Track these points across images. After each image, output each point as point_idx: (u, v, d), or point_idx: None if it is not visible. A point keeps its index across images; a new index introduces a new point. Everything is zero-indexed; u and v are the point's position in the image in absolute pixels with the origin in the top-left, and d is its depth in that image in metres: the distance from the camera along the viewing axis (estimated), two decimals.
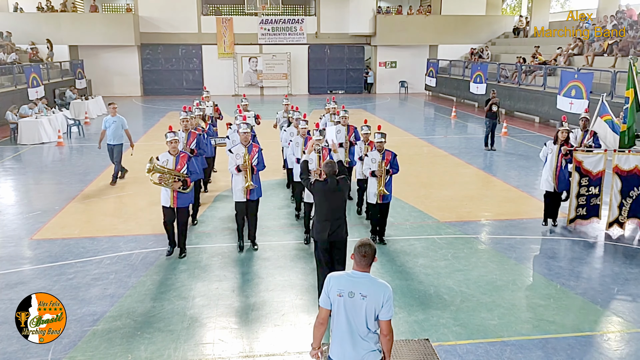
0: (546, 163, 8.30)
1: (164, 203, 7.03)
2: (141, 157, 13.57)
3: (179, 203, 6.99)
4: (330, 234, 5.52)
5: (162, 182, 6.82)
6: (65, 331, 4.77)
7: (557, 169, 8.15)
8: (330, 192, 5.50)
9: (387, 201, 7.60)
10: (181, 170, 6.93)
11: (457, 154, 14.00)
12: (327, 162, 5.59)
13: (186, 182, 6.94)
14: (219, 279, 6.60)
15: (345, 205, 5.70)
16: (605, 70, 16.31)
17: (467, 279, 6.58)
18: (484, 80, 21.46)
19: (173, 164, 6.94)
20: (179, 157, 6.99)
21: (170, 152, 7.00)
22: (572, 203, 8.21)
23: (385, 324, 3.40)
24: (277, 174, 11.52)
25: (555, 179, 8.16)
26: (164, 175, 6.81)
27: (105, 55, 28.33)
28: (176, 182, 6.86)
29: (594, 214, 8.29)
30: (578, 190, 8.15)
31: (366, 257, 3.43)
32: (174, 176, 6.87)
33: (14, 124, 15.79)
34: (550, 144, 8.24)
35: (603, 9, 22.32)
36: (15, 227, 8.50)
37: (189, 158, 7.09)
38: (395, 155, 7.56)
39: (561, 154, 8.09)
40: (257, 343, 5.20)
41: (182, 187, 6.91)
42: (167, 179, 6.82)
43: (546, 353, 5.00)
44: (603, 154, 8.12)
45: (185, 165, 6.97)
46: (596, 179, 8.11)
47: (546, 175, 8.27)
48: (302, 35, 29.95)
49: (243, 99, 12.20)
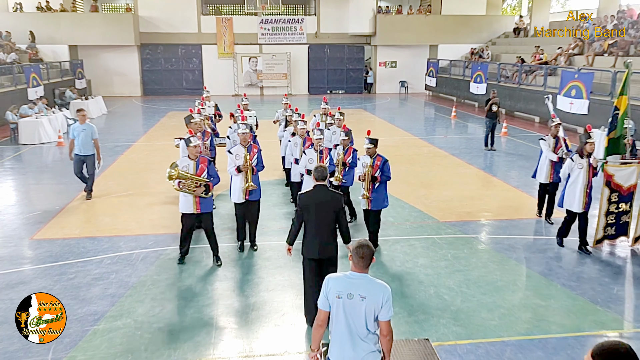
0: (570, 179, 7.30)
1: (185, 210, 6.80)
2: (141, 157, 13.61)
3: (202, 208, 6.78)
4: (320, 250, 5.21)
5: (183, 187, 6.63)
6: (66, 331, 4.77)
7: (588, 187, 7.20)
8: (320, 203, 5.13)
9: (377, 208, 7.20)
10: (201, 174, 6.73)
11: (457, 154, 14.00)
12: (317, 166, 5.23)
13: (208, 187, 6.74)
14: (219, 279, 6.60)
15: (335, 220, 5.21)
16: (606, 70, 16.30)
17: (467, 279, 6.58)
18: (484, 80, 21.48)
19: (194, 169, 6.71)
20: (198, 162, 6.77)
21: (190, 156, 6.80)
22: (600, 222, 7.40)
23: (384, 324, 3.40)
24: (277, 174, 11.52)
25: (585, 197, 7.19)
26: (186, 181, 6.61)
27: (105, 55, 28.33)
28: (198, 187, 6.66)
29: (622, 233, 7.55)
30: (607, 207, 7.34)
31: (364, 258, 3.42)
32: (196, 181, 6.67)
33: (14, 124, 15.80)
34: (578, 158, 7.25)
35: (603, 9, 22.33)
36: (16, 227, 8.50)
37: (209, 162, 6.88)
38: (386, 161, 7.13)
39: (591, 168, 7.17)
40: (257, 343, 5.21)
41: (204, 192, 6.72)
42: (189, 185, 6.63)
43: (546, 353, 5.00)
44: (636, 166, 7.35)
45: (205, 169, 6.75)
46: (627, 194, 7.33)
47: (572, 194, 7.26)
48: (302, 35, 29.95)
49: (244, 98, 12.21)
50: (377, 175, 7.04)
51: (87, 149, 9.84)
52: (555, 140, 8.44)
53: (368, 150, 7.08)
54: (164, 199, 9.97)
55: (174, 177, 6.53)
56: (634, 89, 14.97)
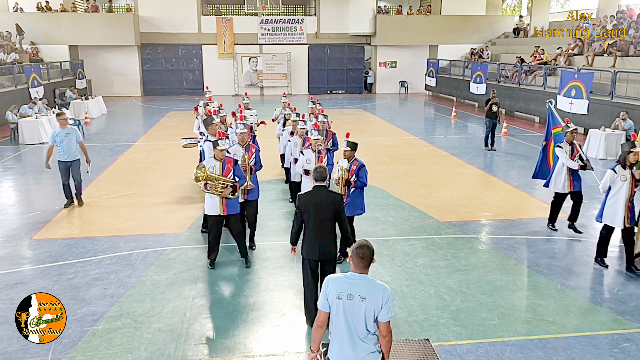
0: (611, 192, 6.75)
1: (210, 212, 6.70)
2: (141, 157, 13.60)
3: (229, 210, 6.68)
4: (319, 251, 5.18)
5: (210, 189, 6.50)
6: (65, 331, 4.77)
7: (630, 199, 6.68)
8: (319, 204, 5.12)
9: (351, 214, 6.77)
10: (227, 175, 6.62)
11: (457, 154, 14.00)
12: (317, 167, 5.25)
13: (236, 188, 6.64)
14: (218, 279, 6.60)
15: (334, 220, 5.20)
16: (605, 70, 16.30)
17: (467, 279, 6.58)
18: (484, 80, 21.49)
19: (220, 170, 6.60)
20: (224, 163, 6.65)
21: (216, 157, 6.67)
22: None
23: (384, 325, 3.39)
24: (276, 173, 11.52)
25: (627, 211, 6.66)
26: (213, 182, 6.49)
27: (105, 55, 28.34)
28: (225, 188, 6.56)
29: None
30: None
31: (364, 259, 3.41)
32: (223, 182, 6.56)
33: (14, 124, 15.80)
34: (620, 169, 6.65)
35: (603, 9, 22.34)
36: (15, 227, 8.50)
37: (234, 162, 6.78)
38: (362, 166, 6.73)
39: (634, 180, 6.64)
40: (257, 343, 5.21)
41: (232, 193, 6.61)
42: (216, 186, 6.52)
43: (546, 353, 5.00)
44: None
45: (231, 170, 6.66)
46: None
47: (613, 208, 6.71)
48: (302, 35, 29.96)
49: (245, 97, 12.23)
50: (352, 180, 6.70)
51: (73, 154, 9.31)
52: (572, 147, 8.02)
53: (345, 153, 6.75)
54: (164, 199, 9.97)
55: (201, 179, 6.39)
56: (633, 88, 15.01)
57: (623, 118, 13.65)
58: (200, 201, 9.71)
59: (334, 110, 22.95)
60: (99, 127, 19.11)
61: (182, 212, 9.18)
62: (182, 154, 13.72)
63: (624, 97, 14.96)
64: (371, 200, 9.83)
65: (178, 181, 11.15)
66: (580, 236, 8.07)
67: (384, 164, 12.73)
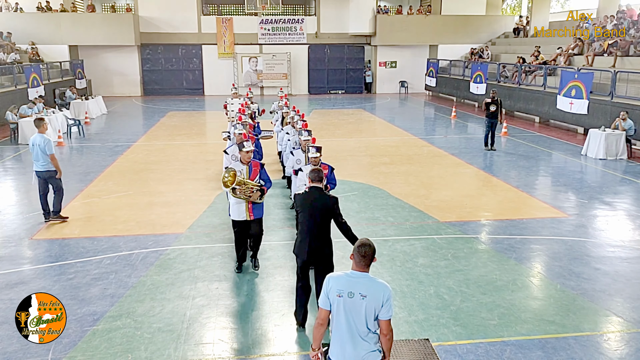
0: None
1: (236, 217, 6.52)
2: (141, 157, 13.59)
3: (255, 214, 6.51)
4: (310, 251, 5.12)
5: (240, 193, 6.29)
6: (65, 331, 4.77)
7: None
8: (312, 204, 5.12)
9: None
10: (254, 179, 6.47)
11: (457, 154, 14.00)
12: (313, 168, 5.25)
13: (263, 192, 6.45)
14: (219, 279, 6.60)
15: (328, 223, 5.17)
16: (605, 70, 16.30)
17: (467, 279, 6.58)
18: (484, 80, 21.51)
19: (247, 174, 6.44)
20: (251, 166, 6.50)
21: (242, 161, 6.51)
22: None
23: (385, 323, 3.40)
24: (277, 174, 11.52)
25: None
26: (242, 187, 6.29)
27: (105, 55, 28.34)
28: (254, 192, 6.36)
29: None
30: None
31: (365, 257, 3.42)
32: (251, 186, 6.37)
33: (14, 124, 15.80)
34: None
35: (603, 9, 22.33)
36: (15, 227, 8.50)
37: (261, 166, 6.63)
38: (332, 170, 6.94)
39: None
40: (257, 343, 5.21)
41: (260, 197, 6.43)
42: (245, 190, 6.31)
43: (546, 353, 5.00)
44: None
45: (258, 174, 6.51)
46: None
47: None
48: (302, 35, 29.96)
49: (249, 91, 12.51)
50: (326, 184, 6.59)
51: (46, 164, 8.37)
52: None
53: (314, 160, 6.63)
54: (164, 199, 9.97)
55: (231, 184, 6.15)
56: (633, 88, 15.01)
57: (623, 118, 13.65)
58: (199, 201, 9.72)
59: (334, 110, 22.97)
60: (99, 127, 19.11)
61: (182, 212, 9.18)
62: (182, 154, 13.72)
63: (624, 97, 14.96)
64: (371, 200, 9.85)
65: (178, 181, 11.15)
66: (580, 236, 8.07)
67: (384, 164, 12.73)
